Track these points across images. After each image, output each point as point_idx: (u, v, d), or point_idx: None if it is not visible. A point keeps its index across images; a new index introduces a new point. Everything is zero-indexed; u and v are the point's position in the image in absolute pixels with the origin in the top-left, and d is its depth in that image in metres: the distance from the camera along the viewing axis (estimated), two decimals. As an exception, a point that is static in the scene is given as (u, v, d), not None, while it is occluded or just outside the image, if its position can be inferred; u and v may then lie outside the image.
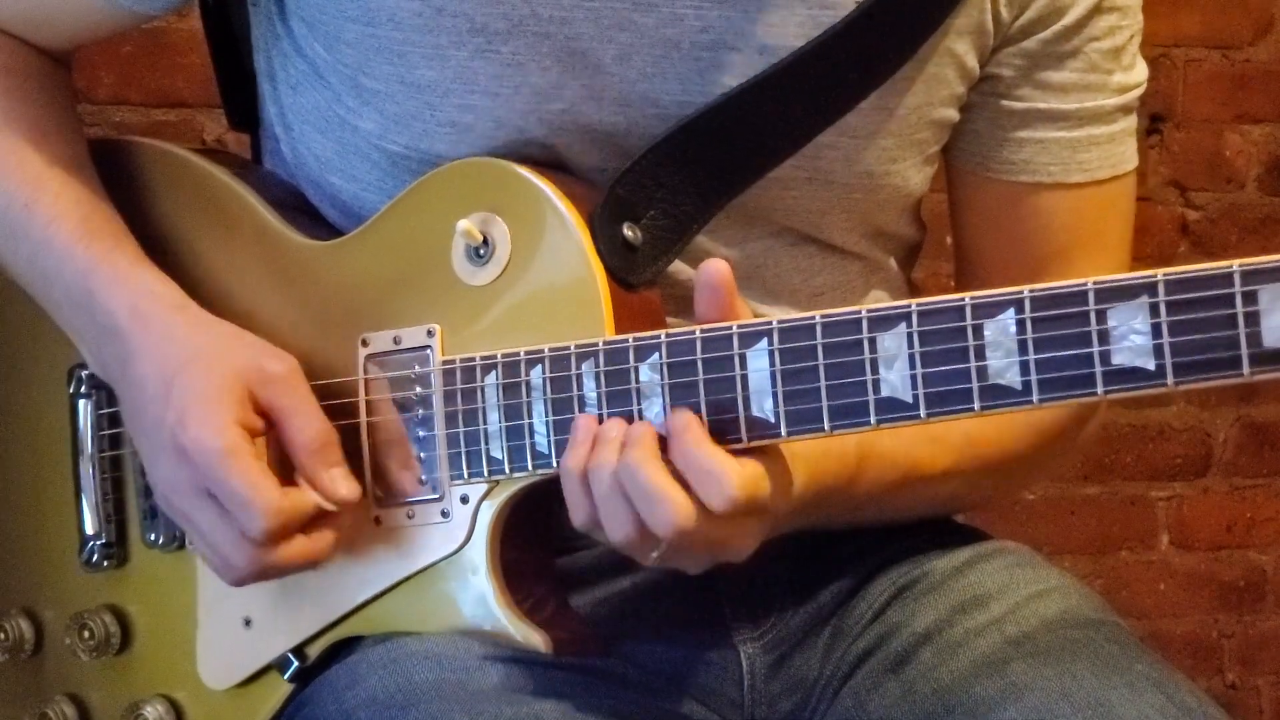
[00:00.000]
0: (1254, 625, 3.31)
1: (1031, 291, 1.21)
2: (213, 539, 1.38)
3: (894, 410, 1.24)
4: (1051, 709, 1.33)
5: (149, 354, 1.41)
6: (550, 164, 1.41)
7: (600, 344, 1.33)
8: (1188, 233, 3.21)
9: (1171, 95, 3.16)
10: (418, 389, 1.40)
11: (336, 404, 1.42)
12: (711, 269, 1.29)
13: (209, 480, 1.35)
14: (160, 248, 1.50)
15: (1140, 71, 1.52)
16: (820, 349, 1.26)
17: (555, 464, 1.34)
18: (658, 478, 1.25)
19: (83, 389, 1.56)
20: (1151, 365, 1.17)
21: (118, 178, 1.54)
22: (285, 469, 1.38)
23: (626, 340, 1.32)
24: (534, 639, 1.37)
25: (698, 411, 1.29)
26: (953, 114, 1.49)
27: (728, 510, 1.24)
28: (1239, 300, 1.14)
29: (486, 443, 1.37)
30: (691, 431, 1.27)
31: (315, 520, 1.37)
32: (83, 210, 1.48)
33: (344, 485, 1.38)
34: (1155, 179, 3.17)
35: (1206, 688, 2.39)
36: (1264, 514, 3.29)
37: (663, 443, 1.28)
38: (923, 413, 1.24)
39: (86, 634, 1.54)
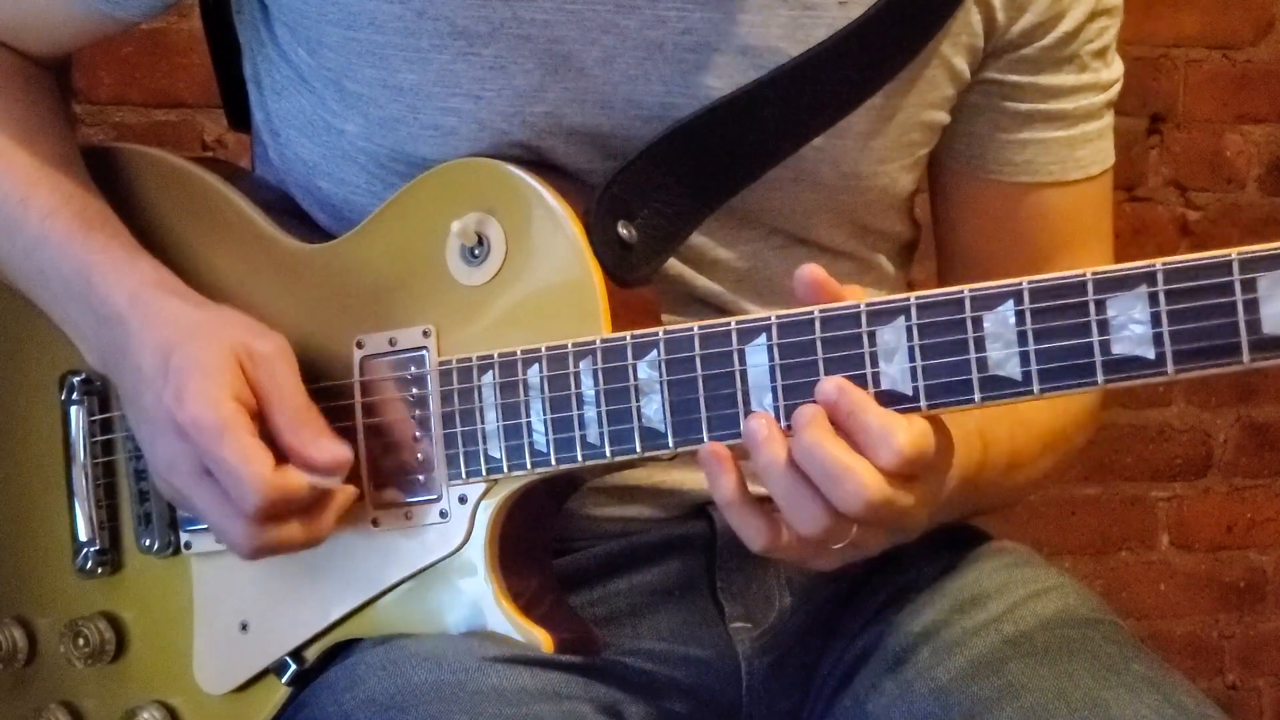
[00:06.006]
0: (1254, 626, 3.31)
1: (1030, 283, 1.21)
2: (213, 517, 1.37)
3: (894, 403, 1.24)
4: (1048, 709, 1.33)
5: (147, 336, 1.40)
6: (539, 165, 1.41)
7: (598, 342, 1.33)
8: (1188, 233, 3.21)
9: (1172, 95, 3.17)
10: (414, 390, 1.40)
11: (332, 406, 1.40)
12: (805, 275, 1.27)
13: (205, 455, 1.34)
14: (154, 254, 1.48)
15: (1118, 66, 1.55)
16: (819, 343, 1.26)
17: (554, 462, 1.34)
18: (838, 453, 1.22)
19: (74, 395, 1.55)
20: (1151, 354, 1.17)
21: (111, 185, 1.53)
22: (280, 453, 1.36)
23: (624, 338, 1.32)
24: (534, 638, 1.37)
25: (697, 409, 1.29)
26: (943, 116, 1.49)
27: (896, 465, 1.21)
28: (1238, 288, 1.14)
29: (484, 442, 1.37)
30: (848, 394, 1.24)
31: (313, 502, 1.36)
32: (77, 204, 1.48)
33: (329, 449, 1.35)
34: (1155, 179, 3.18)
35: (1207, 689, 2.38)
36: (1264, 514, 3.29)
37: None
38: (923, 405, 1.24)
39: (81, 641, 1.54)
